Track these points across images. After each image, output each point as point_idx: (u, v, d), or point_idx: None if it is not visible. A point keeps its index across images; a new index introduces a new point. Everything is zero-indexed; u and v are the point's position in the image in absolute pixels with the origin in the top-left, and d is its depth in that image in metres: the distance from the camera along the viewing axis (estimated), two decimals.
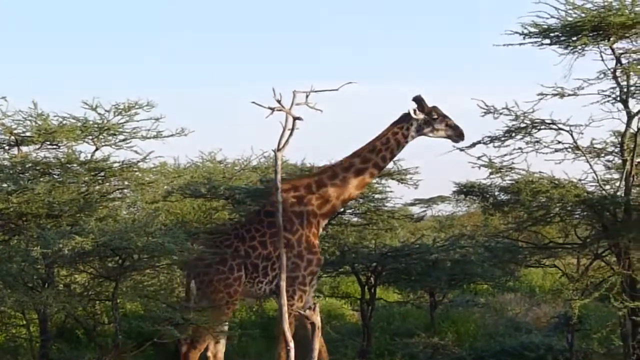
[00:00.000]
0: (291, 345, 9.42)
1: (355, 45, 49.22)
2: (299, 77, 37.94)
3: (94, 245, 9.25)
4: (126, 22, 50.34)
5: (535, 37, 10.80)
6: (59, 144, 12.23)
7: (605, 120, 10.88)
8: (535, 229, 12.67)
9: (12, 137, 12.11)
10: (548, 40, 10.80)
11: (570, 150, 11.17)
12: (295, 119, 9.28)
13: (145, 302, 10.60)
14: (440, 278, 13.73)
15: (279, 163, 9.44)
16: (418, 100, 10.84)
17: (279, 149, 9.37)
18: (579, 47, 10.62)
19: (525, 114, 10.96)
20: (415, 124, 10.81)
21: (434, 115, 10.81)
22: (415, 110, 10.79)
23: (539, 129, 11.09)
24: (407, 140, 10.84)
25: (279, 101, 9.17)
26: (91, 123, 12.17)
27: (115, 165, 12.12)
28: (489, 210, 12.57)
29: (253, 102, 9.05)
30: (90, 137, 12.22)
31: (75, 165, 11.91)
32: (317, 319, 10.43)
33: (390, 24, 52.07)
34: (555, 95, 10.69)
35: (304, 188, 10.76)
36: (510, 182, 11.26)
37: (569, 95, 10.69)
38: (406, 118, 10.84)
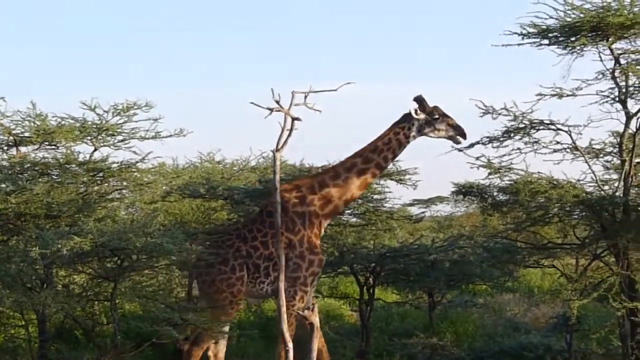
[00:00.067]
0: (290, 345, 9.42)
1: (355, 45, 49.22)
2: (298, 78, 38.00)
3: (93, 246, 9.25)
4: (125, 22, 50.36)
5: (534, 38, 10.80)
6: (58, 145, 12.22)
7: (604, 120, 10.90)
8: (534, 229, 12.68)
9: (11, 138, 12.10)
10: (547, 41, 10.81)
11: (569, 150, 11.18)
12: (293, 119, 9.28)
13: (144, 303, 10.60)
14: (439, 278, 13.74)
15: (278, 163, 9.45)
16: (419, 100, 10.83)
17: (277, 150, 9.37)
18: (578, 48, 10.62)
19: (524, 115, 10.96)
20: (416, 124, 10.79)
21: (435, 115, 10.80)
22: (416, 110, 10.78)
23: (538, 130, 11.10)
24: (409, 140, 10.83)
25: (277, 102, 9.17)
26: (90, 123, 12.16)
27: (114, 165, 12.11)
28: (487, 210, 12.55)
29: (252, 103, 9.07)
30: (89, 138, 12.21)
31: (73, 165, 11.90)
32: (316, 319, 10.43)
33: (390, 24, 52.09)
34: (554, 95, 10.69)
35: (306, 188, 10.75)
36: (509, 183, 11.25)
37: (568, 95, 10.69)
38: (407, 118, 10.83)
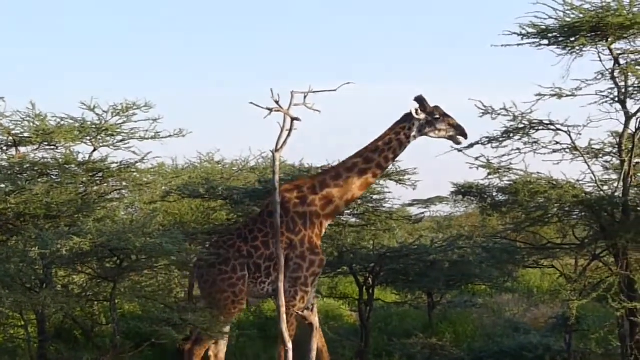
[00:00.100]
0: (289, 346, 9.42)
1: (355, 45, 49.21)
2: (298, 78, 38.00)
3: (92, 246, 9.25)
4: (125, 22, 50.34)
5: (534, 38, 10.80)
6: (57, 145, 12.21)
7: (603, 120, 10.91)
8: (533, 229, 12.68)
9: (10, 138, 12.10)
10: (546, 41, 10.81)
11: (568, 150, 11.18)
12: (293, 119, 9.28)
13: (143, 303, 10.61)
14: (439, 279, 13.75)
15: (277, 164, 9.44)
16: (420, 100, 10.82)
17: (277, 150, 9.37)
18: (577, 48, 10.63)
19: (524, 115, 10.96)
20: (417, 123, 10.79)
21: (436, 115, 10.79)
22: (417, 110, 10.77)
23: (537, 130, 11.10)
24: (410, 140, 10.82)
25: (277, 102, 9.17)
26: (89, 124, 12.15)
27: (113, 165, 12.11)
28: (487, 210, 12.55)
29: (251, 103, 9.06)
30: (88, 138, 12.20)
31: (73, 166, 11.89)
32: (315, 319, 10.45)
33: (390, 24, 52.08)
34: (553, 95, 10.69)
35: (307, 188, 10.75)
36: (508, 183, 11.25)
37: (567, 95, 10.69)
38: (408, 118, 10.82)
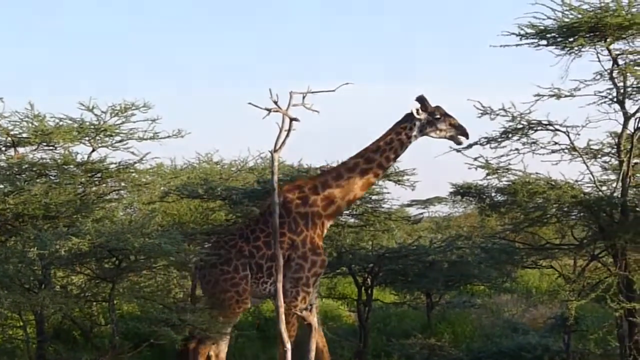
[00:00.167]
0: (288, 346, 9.42)
1: (355, 45, 49.22)
2: (298, 78, 38.01)
3: (91, 247, 9.25)
4: (125, 22, 50.34)
5: (532, 38, 10.80)
6: (56, 145, 12.20)
7: (602, 121, 10.91)
8: (532, 230, 12.67)
9: (9, 139, 12.08)
10: (545, 42, 10.81)
11: (567, 151, 11.18)
12: (291, 120, 9.28)
13: (142, 303, 10.60)
14: (437, 279, 13.76)
15: (276, 164, 9.44)
16: (421, 99, 10.83)
17: (275, 150, 9.36)
18: (576, 48, 10.63)
19: (522, 115, 10.96)
20: (418, 123, 10.80)
21: (437, 115, 10.79)
22: (418, 110, 10.78)
23: (536, 130, 11.10)
24: (411, 140, 10.83)
25: (275, 102, 9.16)
26: (88, 124, 12.13)
27: (112, 166, 12.10)
28: (485, 211, 12.56)
29: (250, 103, 9.05)
30: (87, 139, 12.19)
31: (71, 166, 11.88)
32: (314, 319, 10.45)
33: (390, 24, 52.10)
34: (551, 96, 10.69)
35: (308, 189, 10.76)
36: (507, 183, 11.26)
37: (566, 96, 10.69)
38: (409, 118, 10.83)
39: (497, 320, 16.57)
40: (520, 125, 11.03)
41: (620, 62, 10.72)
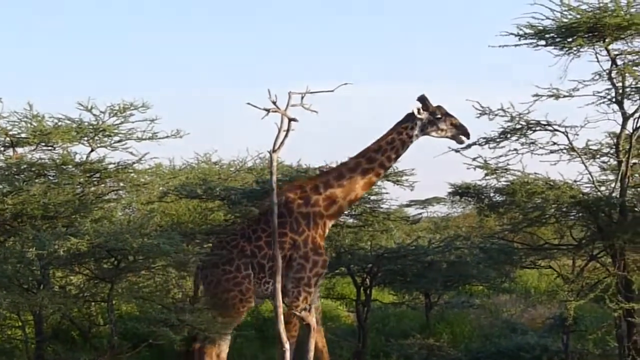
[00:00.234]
0: (287, 346, 9.42)
1: (355, 45, 49.17)
2: (297, 78, 37.98)
3: (90, 247, 9.25)
4: (124, 22, 50.29)
5: (531, 39, 10.81)
6: (54, 145, 12.21)
7: (600, 121, 10.92)
8: (531, 230, 12.68)
9: (7, 139, 12.09)
10: (543, 42, 10.82)
11: (565, 151, 11.19)
12: (290, 120, 9.28)
13: (140, 304, 10.60)
14: (436, 279, 13.75)
15: (275, 164, 9.44)
16: (422, 99, 10.84)
17: (274, 150, 9.37)
18: (574, 49, 10.64)
19: (521, 115, 10.97)
20: (419, 123, 10.81)
21: (438, 115, 10.80)
22: (419, 110, 10.79)
23: (535, 130, 11.11)
24: (412, 140, 10.85)
25: (274, 102, 9.16)
26: (86, 124, 12.14)
27: (111, 166, 12.10)
28: (484, 211, 12.56)
29: (248, 104, 9.05)
30: (86, 139, 12.20)
31: (70, 166, 11.88)
32: (313, 320, 10.43)
33: (390, 24, 52.06)
34: (550, 96, 10.70)
35: (310, 189, 10.76)
36: (506, 184, 11.27)
37: (565, 96, 10.70)
38: (410, 118, 10.84)
39: (496, 321, 16.57)
40: (519, 126, 11.04)
41: (619, 63, 10.73)
